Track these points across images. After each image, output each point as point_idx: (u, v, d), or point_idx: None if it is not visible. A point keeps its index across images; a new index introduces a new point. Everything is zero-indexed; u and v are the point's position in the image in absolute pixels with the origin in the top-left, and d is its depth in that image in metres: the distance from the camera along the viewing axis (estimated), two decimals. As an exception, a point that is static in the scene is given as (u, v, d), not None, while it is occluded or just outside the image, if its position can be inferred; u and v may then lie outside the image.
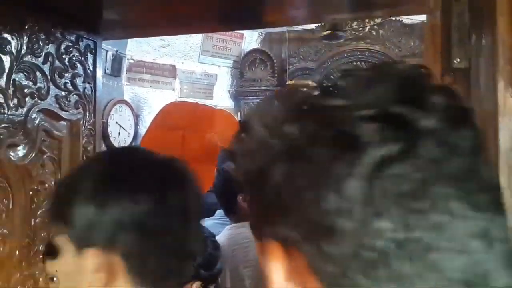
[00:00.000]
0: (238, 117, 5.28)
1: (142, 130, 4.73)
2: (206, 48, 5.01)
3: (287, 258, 0.38)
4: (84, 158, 1.72)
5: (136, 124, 4.67)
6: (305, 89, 0.41)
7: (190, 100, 5.05)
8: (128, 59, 4.43)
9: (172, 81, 4.86)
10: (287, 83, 5.18)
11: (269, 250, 0.39)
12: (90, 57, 1.76)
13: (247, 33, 5.25)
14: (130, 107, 4.58)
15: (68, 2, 1.58)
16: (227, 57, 5.23)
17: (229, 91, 5.40)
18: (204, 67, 5.09)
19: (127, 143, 4.57)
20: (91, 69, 1.77)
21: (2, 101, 1.39)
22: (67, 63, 1.65)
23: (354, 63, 5.29)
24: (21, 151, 1.47)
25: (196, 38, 4.86)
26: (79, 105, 1.70)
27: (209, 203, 2.93)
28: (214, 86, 5.23)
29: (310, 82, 5.09)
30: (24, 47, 1.47)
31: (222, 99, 5.32)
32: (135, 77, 4.55)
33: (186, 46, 4.88)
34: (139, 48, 4.51)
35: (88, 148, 1.74)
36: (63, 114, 1.63)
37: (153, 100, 4.75)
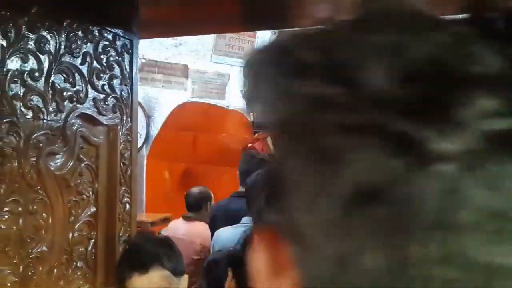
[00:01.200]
0: (250, 118, 5.16)
1: (154, 131, 4.61)
2: (218, 47, 4.89)
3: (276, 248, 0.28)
4: (122, 166, 1.59)
5: (148, 125, 4.54)
6: None
7: (202, 100, 4.93)
8: (140, 58, 4.30)
9: (184, 81, 4.73)
10: (301, 83, 5.06)
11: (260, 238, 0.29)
12: (126, 57, 1.63)
13: (260, 32, 5.12)
14: (142, 107, 4.45)
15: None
16: (240, 56, 5.10)
17: (241, 91, 5.26)
18: (217, 66, 4.96)
19: (139, 144, 4.45)
20: (128, 70, 1.64)
21: (41, 105, 1.26)
22: (104, 64, 1.52)
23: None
24: (59, 159, 1.34)
25: (209, 37, 4.73)
26: (117, 109, 1.58)
27: (232, 210, 2.82)
28: (227, 86, 5.10)
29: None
30: (63, 46, 1.34)
31: (234, 99, 5.19)
32: (147, 77, 4.42)
33: (198, 45, 4.75)
34: (150, 47, 4.38)
35: (125, 154, 1.62)
36: (100, 118, 1.51)
37: (165, 100, 4.63)
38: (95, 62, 1.48)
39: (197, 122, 4.99)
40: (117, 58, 1.59)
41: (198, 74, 4.83)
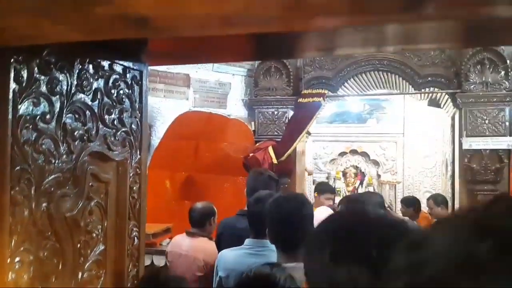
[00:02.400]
0: (252, 127, 5.14)
1: (156, 141, 4.58)
2: (220, 56, 4.85)
3: None
4: (130, 200, 1.57)
5: (149, 135, 4.51)
6: None
7: (203, 109, 4.90)
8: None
9: (186, 90, 4.71)
10: (302, 92, 5.04)
11: None
12: (136, 89, 1.61)
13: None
14: (144, 117, 4.42)
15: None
16: (241, 65, 5.08)
17: (243, 100, 5.25)
18: (218, 75, 4.94)
19: (140, 155, 4.42)
20: (138, 101, 1.62)
21: (53, 148, 1.23)
22: (115, 98, 1.49)
23: (371, 72, 5.17)
24: (69, 201, 1.32)
25: (211, 46, 4.70)
26: (126, 143, 1.55)
27: (239, 229, 2.79)
28: (228, 95, 5.08)
29: (325, 91, 4.94)
30: (74, 83, 1.32)
31: (236, 108, 5.17)
32: (149, 87, 4.37)
33: (200, 54, 4.71)
34: (153, 56, 4.34)
35: (134, 188, 1.60)
36: (110, 154, 1.48)
37: (167, 110, 4.60)
38: (105, 97, 1.45)
39: (198, 131, 4.97)
40: (127, 91, 1.57)
41: (199, 83, 4.80)
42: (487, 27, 1.28)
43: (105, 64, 1.46)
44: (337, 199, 7.20)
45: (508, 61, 4.41)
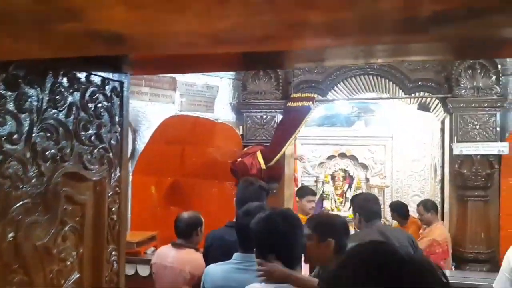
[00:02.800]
0: (240, 131, 5.03)
1: (141, 146, 4.45)
2: (208, 58, 4.73)
3: None
4: (109, 221, 1.45)
5: (134, 140, 4.38)
6: None
7: (190, 113, 4.78)
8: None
9: (172, 94, 4.58)
10: (292, 95, 4.95)
11: None
12: (116, 101, 1.49)
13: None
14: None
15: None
16: (229, 68, 4.96)
17: (230, 103, 5.14)
18: (206, 78, 4.82)
19: (124, 161, 4.28)
20: (118, 114, 1.50)
21: (20, 172, 1.11)
22: (92, 112, 1.38)
23: (361, 76, 5.10)
24: (40, 228, 1.20)
25: (198, 48, 4.58)
26: (105, 160, 1.43)
27: (228, 241, 2.68)
28: (216, 98, 4.96)
29: (314, 95, 4.85)
30: (46, 99, 1.20)
31: (223, 112, 5.06)
32: (134, 90, 4.25)
33: (187, 56, 4.59)
34: (138, 59, 4.21)
35: (113, 209, 1.48)
36: (86, 174, 1.36)
37: (152, 114, 4.47)
38: (81, 112, 1.33)
39: (185, 135, 4.85)
40: (106, 104, 1.45)
41: (186, 86, 4.68)
42: (480, 41, 1.19)
43: (82, 76, 1.34)
44: (326, 203, 7.17)
45: (499, 66, 4.37)
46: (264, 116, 4.95)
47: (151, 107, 4.44)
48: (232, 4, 0.59)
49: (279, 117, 4.93)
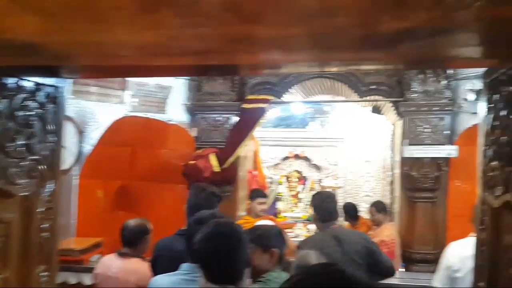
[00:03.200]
0: (193, 133, 4.91)
1: (88, 148, 4.25)
2: (160, 58, 4.58)
3: None
4: (40, 240, 1.32)
5: (81, 142, 4.17)
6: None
7: (141, 114, 4.62)
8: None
9: (121, 94, 4.40)
10: (247, 97, 4.88)
11: None
12: (51, 108, 1.36)
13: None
14: (74, 123, 4.07)
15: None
16: (183, 68, 4.83)
17: (184, 105, 5.00)
18: (158, 79, 4.66)
19: (70, 164, 4.07)
20: (53, 122, 1.37)
21: None
22: (21, 122, 1.24)
23: (316, 79, 5.10)
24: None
25: (150, 47, 4.42)
26: (35, 173, 1.30)
27: (177, 251, 2.56)
28: (168, 99, 4.81)
29: (270, 97, 4.81)
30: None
31: (176, 113, 4.92)
32: (81, 90, 4.05)
33: (138, 55, 4.42)
34: (85, 57, 4.00)
35: (44, 226, 1.35)
36: (13, 189, 1.23)
37: (101, 115, 4.27)
38: (8, 122, 1.20)
39: (135, 137, 4.67)
40: (39, 111, 1.32)
41: (137, 86, 4.51)
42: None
43: (10, 81, 1.21)
44: (280, 204, 7.16)
45: (449, 71, 4.48)
46: (219, 118, 4.86)
47: (100, 107, 4.25)
48: (161, 15, 0.51)
49: (234, 119, 4.85)
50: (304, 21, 0.55)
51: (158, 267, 2.60)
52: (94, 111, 4.22)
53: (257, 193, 4.57)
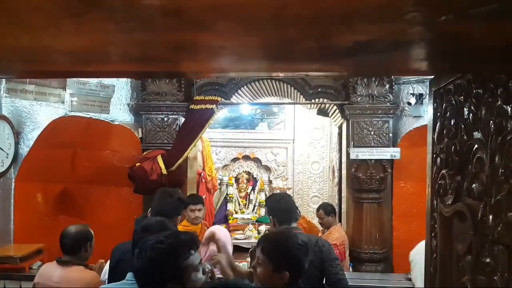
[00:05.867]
0: (138, 134, 4.76)
1: (25, 150, 4.00)
2: (104, 56, 4.40)
3: None
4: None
5: (17, 143, 3.93)
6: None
7: (82, 114, 4.41)
8: (7, 65, 3.67)
9: (61, 93, 4.17)
10: (194, 98, 4.79)
11: None
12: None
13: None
14: (10, 123, 3.82)
15: None
16: (128, 66, 4.66)
17: (128, 104, 4.83)
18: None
19: (5, 166, 3.81)
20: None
21: None
22: None
23: (264, 80, 5.11)
24: None
25: (93, 44, 4.23)
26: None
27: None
28: (111, 98, 4.63)
29: (218, 98, 4.76)
30: None
31: (120, 113, 4.74)
32: (16, 88, 3.80)
33: (80, 52, 4.22)
34: (21, 53, 3.76)
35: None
36: None
37: (38, 114, 4.04)
38: None
39: (76, 138, 4.46)
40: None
41: (78, 85, 4.31)
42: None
43: None
44: (230, 205, 7.11)
45: (392, 76, 4.61)
46: (165, 119, 4.73)
47: (37, 107, 4.01)
48: (91, 19, 0.45)
49: (182, 120, 4.74)
50: (255, 31, 0.51)
51: (120, 272, 2.47)
52: (31, 111, 3.97)
53: (189, 199, 4.00)
